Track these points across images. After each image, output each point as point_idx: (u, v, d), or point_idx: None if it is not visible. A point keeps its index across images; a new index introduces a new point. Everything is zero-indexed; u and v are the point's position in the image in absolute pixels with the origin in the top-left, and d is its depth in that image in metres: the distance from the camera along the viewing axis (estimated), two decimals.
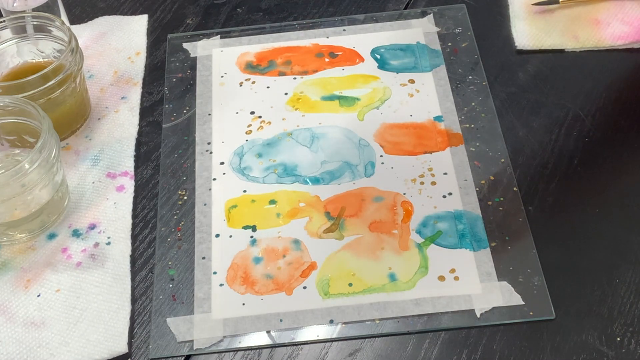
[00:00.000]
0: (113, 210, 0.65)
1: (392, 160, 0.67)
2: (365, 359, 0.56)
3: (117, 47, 0.78)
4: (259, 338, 0.57)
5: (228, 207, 0.65)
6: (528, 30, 0.76)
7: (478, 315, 0.57)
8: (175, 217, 0.65)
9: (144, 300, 0.60)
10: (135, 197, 0.66)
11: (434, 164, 0.67)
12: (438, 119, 0.70)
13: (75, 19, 0.82)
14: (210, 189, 0.66)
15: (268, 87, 0.74)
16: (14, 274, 0.62)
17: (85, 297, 0.60)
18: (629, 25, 0.75)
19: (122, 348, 0.57)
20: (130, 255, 0.62)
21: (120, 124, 0.72)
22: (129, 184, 0.67)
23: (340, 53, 0.76)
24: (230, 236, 0.63)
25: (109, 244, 0.63)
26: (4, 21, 0.71)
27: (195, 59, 0.77)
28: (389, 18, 0.79)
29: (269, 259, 0.61)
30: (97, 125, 0.72)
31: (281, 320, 0.58)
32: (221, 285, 0.60)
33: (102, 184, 0.67)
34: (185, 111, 0.73)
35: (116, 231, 0.64)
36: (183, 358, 0.57)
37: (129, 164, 0.68)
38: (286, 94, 0.73)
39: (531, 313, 0.57)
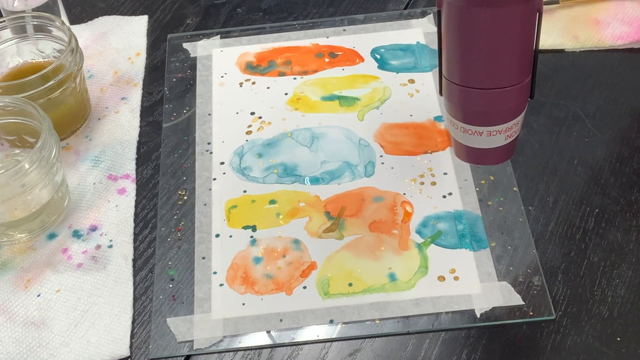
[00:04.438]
0: (115, 213, 0.65)
1: (392, 160, 0.67)
2: (365, 359, 0.56)
3: (117, 47, 0.79)
4: (259, 338, 0.57)
5: (228, 207, 0.65)
6: None
7: (478, 315, 0.57)
8: (175, 217, 0.65)
9: (144, 301, 0.60)
10: (135, 197, 0.66)
11: (434, 164, 0.67)
12: (438, 119, 0.70)
13: (75, 19, 0.82)
14: (210, 189, 0.66)
15: (268, 88, 0.74)
16: (14, 274, 0.62)
17: (87, 299, 0.60)
18: (629, 25, 0.75)
19: (123, 351, 0.57)
20: (133, 259, 0.62)
21: (121, 126, 0.72)
22: (131, 187, 0.67)
23: (340, 53, 0.76)
24: (230, 236, 0.63)
25: (110, 247, 0.63)
26: (4, 21, 0.71)
27: (195, 59, 0.77)
28: (389, 18, 0.79)
29: (269, 259, 0.61)
30: (97, 125, 0.72)
31: (281, 320, 0.58)
32: (221, 285, 0.60)
33: (103, 185, 0.67)
34: (185, 111, 0.73)
35: (118, 234, 0.64)
36: (183, 358, 0.57)
37: (130, 167, 0.68)
38: (286, 94, 0.73)
39: (531, 313, 0.57)
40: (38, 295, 0.60)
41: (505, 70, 0.49)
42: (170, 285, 0.61)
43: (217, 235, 0.63)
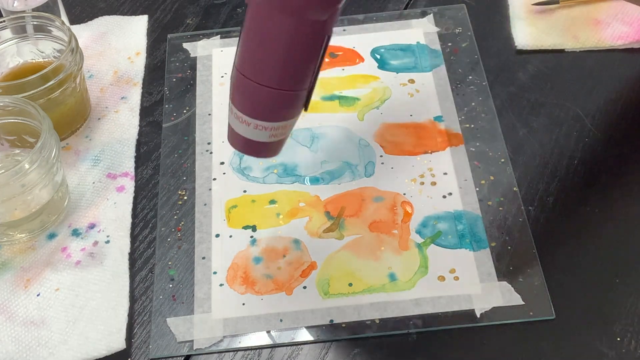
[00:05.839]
0: (113, 210, 0.65)
1: (392, 160, 0.67)
2: (365, 359, 0.56)
3: (117, 47, 0.79)
4: (259, 338, 0.57)
5: (228, 207, 0.65)
6: (528, 30, 0.76)
7: (478, 315, 0.57)
8: (175, 217, 0.65)
9: (144, 300, 0.60)
10: (135, 197, 0.66)
11: (434, 164, 0.67)
12: (438, 119, 0.70)
13: (75, 19, 0.82)
14: (210, 189, 0.66)
15: None
16: (14, 274, 0.62)
17: (84, 295, 0.60)
18: (629, 25, 0.75)
19: (119, 344, 0.57)
20: (129, 253, 0.62)
21: (120, 125, 0.72)
22: (129, 185, 0.67)
23: (340, 53, 0.76)
24: (230, 236, 0.63)
25: (108, 242, 0.63)
26: (4, 21, 0.71)
27: (195, 59, 0.77)
28: (389, 18, 0.79)
29: (269, 259, 0.61)
30: (97, 125, 0.72)
31: (281, 320, 0.58)
32: (221, 285, 0.60)
33: (103, 184, 0.67)
34: (185, 111, 0.73)
35: (115, 229, 0.64)
36: (183, 358, 0.57)
37: (129, 165, 0.68)
38: None
39: (531, 313, 0.57)
40: (38, 295, 0.60)
41: (271, 71, 0.50)
42: (170, 285, 0.61)
43: (217, 235, 0.63)
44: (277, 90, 0.51)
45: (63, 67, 0.67)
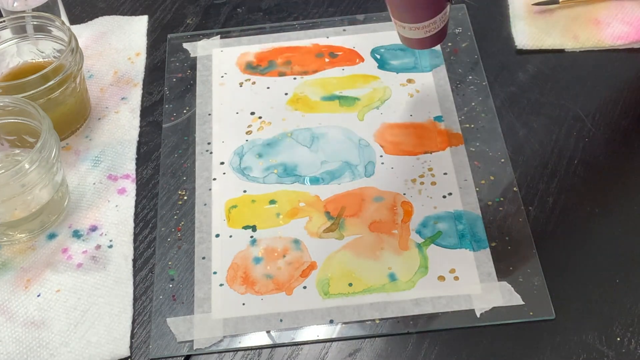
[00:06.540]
0: (115, 213, 0.65)
1: (392, 160, 0.67)
2: (365, 359, 0.56)
3: (117, 47, 0.79)
4: (259, 338, 0.57)
5: (228, 207, 0.65)
6: (528, 30, 0.76)
7: (478, 315, 0.57)
8: (175, 217, 0.65)
9: (144, 300, 0.60)
10: (135, 197, 0.66)
11: (434, 164, 0.67)
12: (438, 119, 0.70)
13: (75, 19, 0.82)
14: (210, 189, 0.66)
15: (268, 88, 0.74)
16: (14, 274, 0.62)
17: (87, 299, 0.60)
18: (629, 25, 0.75)
19: (124, 351, 0.57)
20: (133, 259, 0.62)
21: (121, 126, 0.72)
22: (131, 187, 0.67)
23: (340, 53, 0.76)
24: (230, 236, 0.63)
25: (110, 246, 0.63)
26: (4, 21, 0.71)
27: (195, 59, 0.77)
28: (389, 18, 0.79)
29: (269, 259, 0.61)
30: (98, 125, 0.72)
31: (281, 320, 0.58)
32: (221, 285, 0.60)
33: (103, 185, 0.67)
34: (185, 111, 0.73)
35: (118, 234, 0.64)
36: (183, 358, 0.57)
37: (130, 167, 0.68)
38: (286, 94, 0.73)
39: (531, 313, 0.57)
40: (38, 295, 0.60)
41: None
42: (170, 285, 0.61)
43: (217, 235, 0.63)
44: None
45: (63, 67, 0.67)
